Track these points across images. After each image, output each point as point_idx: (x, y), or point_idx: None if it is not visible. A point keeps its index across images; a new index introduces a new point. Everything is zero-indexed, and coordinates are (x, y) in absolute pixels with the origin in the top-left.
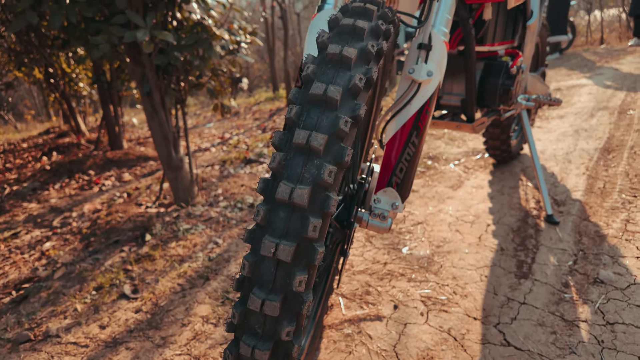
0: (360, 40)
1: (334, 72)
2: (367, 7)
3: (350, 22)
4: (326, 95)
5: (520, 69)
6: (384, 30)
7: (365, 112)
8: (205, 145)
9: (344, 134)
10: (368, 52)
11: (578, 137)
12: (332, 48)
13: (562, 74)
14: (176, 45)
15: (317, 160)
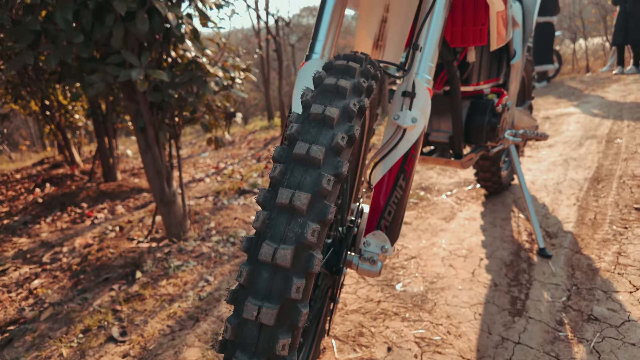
0: (342, 98)
1: (317, 131)
2: (349, 65)
3: (333, 82)
4: (309, 154)
5: (505, 106)
6: (366, 87)
7: (347, 168)
8: (199, 175)
9: (327, 192)
10: (350, 110)
11: (568, 167)
12: (315, 108)
13: (551, 102)
14: (170, 82)
15: (300, 219)
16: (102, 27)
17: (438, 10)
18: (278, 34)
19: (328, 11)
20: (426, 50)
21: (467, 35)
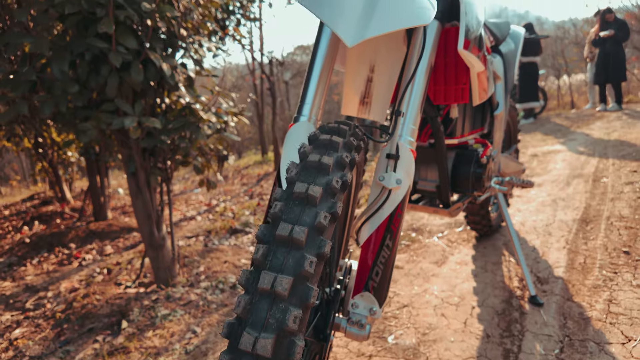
0: (326, 174)
1: (300, 210)
2: (333, 140)
3: (317, 159)
4: (292, 236)
5: (490, 157)
6: (349, 161)
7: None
8: (191, 213)
9: (309, 274)
10: (333, 187)
11: (556, 207)
12: (298, 187)
13: (538, 139)
14: (163, 129)
15: (282, 305)
16: (98, 77)
17: (419, 77)
18: (272, 74)
19: (316, 74)
20: (408, 114)
21: (450, 94)
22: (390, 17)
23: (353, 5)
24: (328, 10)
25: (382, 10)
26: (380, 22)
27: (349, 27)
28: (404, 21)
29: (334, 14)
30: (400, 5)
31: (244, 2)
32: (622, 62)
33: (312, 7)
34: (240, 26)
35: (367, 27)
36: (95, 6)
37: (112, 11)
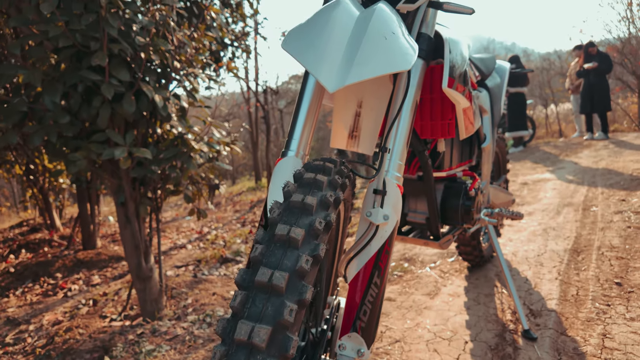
0: (309, 215)
1: (281, 253)
2: (317, 178)
3: (300, 199)
4: (271, 282)
5: (478, 189)
6: (333, 200)
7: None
8: (181, 241)
9: (289, 323)
10: (316, 229)
11: (547, 237)
12: (280, 229)
13: (528, 167)
14: (154, 159)
15: (259, 356)
16: (90, 108)
17: (404, 114)
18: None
19: (304, 110)
20: (395, 151)
21: (436, 129)
22: (371, 63)
23: (335, 51)
24: (310, 56)
25: (363, 57)
26: (361, 68)
27: (330, 74)
28: (384, 67)
29: (316, 60)
30: (381, 51)
31: (238, 36)
32: (606, 93)
33: (295, 52)
34: (234, 59)
35: (348, 73)
36: (89, 40)
37: (106, 45)
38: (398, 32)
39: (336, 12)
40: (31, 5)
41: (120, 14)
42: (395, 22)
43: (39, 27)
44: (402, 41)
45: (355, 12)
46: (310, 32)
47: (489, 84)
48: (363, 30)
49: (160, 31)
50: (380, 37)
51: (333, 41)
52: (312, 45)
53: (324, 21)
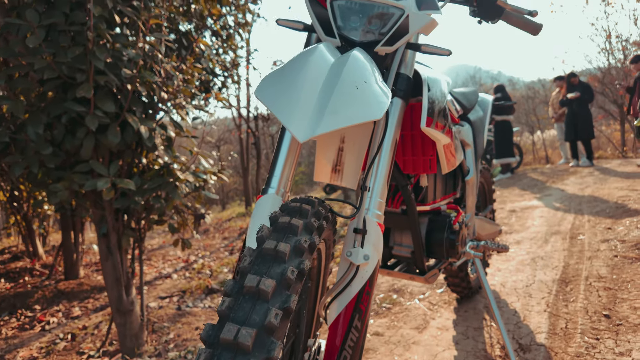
0: (282, 262)
1: (250, 306)
2: (292, 223)
3: (273, 246)
4: (237, 340)
5: (463, 223)
6: (308, 245)
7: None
8: (167, 270)
9: None
10: (288, 279)
11: (535, 267)
12: (249, 280)
13: (516, 194)
14: (138, 189)
15: None
16: (73, 139)
17: (384, 152)
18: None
19: (285, 146)
20: (375, 189)
21: (418, 165)
22: (343, 113)
23: (306, 100)
24: (282, 104)
25: (335, 107)
26: (332, 118)
27: (301, 124)
28: (355, 117)
29: (287, 109)
30: (353, 100)
31: (228, 66)
32: (589, 122)
33: (267, 100)
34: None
35: (318, 123)
36: (75, 72)
37: (92, 77)
38: (371, 80)
39: (311, 59)
40: (18, 37)
41: (107, 47)
42: (369, 69)
43: (25, 59)
44: (375, 89)
45: (330, 59)
46: (283, 80)
47: (472, 118)
48: (336, 79)
49: (148, 63)
50: (352, 86)
51: (305, 90)
52: (284, 93)
53: (298, 68)
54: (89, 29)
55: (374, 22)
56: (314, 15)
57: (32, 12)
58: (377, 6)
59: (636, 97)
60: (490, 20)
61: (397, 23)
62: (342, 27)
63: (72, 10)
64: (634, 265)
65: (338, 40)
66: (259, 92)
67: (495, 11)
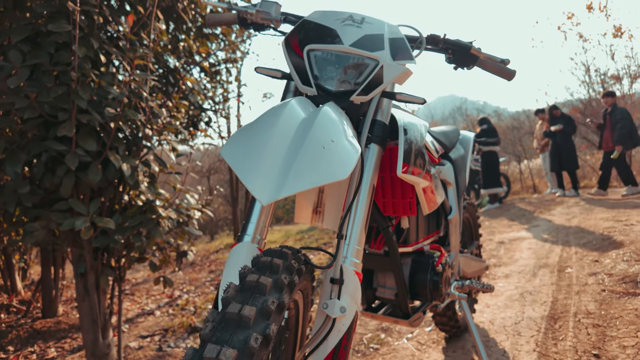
0: (246, 328)
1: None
2: (260, 281)
3: (237, 310)
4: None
5: (446, 264)
6: (275, 308)
7: None
8: (150, 306)
9: None
10: (251, 347)
11: (524, 302)
12: (209, 350)
13: (504, 224)
14: (119, 227)
15: None
16: (53, 177)
17: (361, 198)
18: None
19: None
20: (353, 236)
21: (398, 207)
22: (307, 175)
23: (271, 161)
24: (246, 165)
25: (299, 168)
26: (296, 181)
27: (263, 186)
28: (320, 179)
29: (251, 171)
30: (318, 161)
31: (217, 102)
32: (572, 153)
33: (232, 161)
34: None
35: (282, 186)
36: (57, 110)
37: (74, 115)
38: (339, 138)
39: (281, 115)
40: (1, 76)
41: (92, 85)
42: (338, 125)
43: (7, 99)
44: (342, 148)
45: (301, 115)
46: (250, 139)
47: (453, 156)
48: (303, 138)
49: (132, 101)
50: (319, 146)
51: (270, 150)
52: (249, 154)
53: (266, 126)
54: (73, 69)
55: (349, 72)
56: (292, 65)
57: (15, 53)
58: (353, 57)
59: (607, 131)
60: (465, 67)
61: (372, 73)
62: (318, 77)
63: (58, 50)
64: (621, 301)
65: (315, 89)
66: (225, 152)
67: (470, 59)
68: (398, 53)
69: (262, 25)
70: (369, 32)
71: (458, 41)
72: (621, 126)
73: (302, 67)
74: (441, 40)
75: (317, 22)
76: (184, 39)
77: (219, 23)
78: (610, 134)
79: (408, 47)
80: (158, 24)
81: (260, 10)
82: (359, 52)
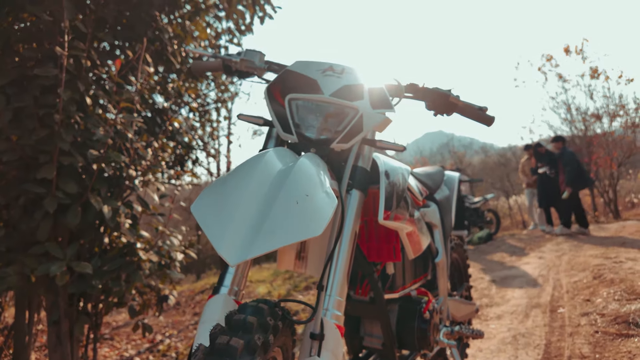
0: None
1: None
2: (230, 344)
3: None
4: None
5: (434, 310)
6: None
7: None
8: (130, 352)
9: None
10: None
11: (517, 346)
12: None
13: (495, 262)
14: (97, 272)
15: None
16: (30, 220)
17: (343, 247)
18: None
19: None
20: (335, 286)
21: (382, 252)
22: (279, 233)
23: (241, 219)
24: (214, 224)
25: (271, 226)
26: (266, 239)
27: (232, 246)
28: (292, 236)
29: (219, 229)
30: (291, 218)
31: (206, 140)
32: (558, 189)
33: (200, 218)
34: (198, 163)
35: (251, 245)
36: (38, 153)
37: (56, 158)
38: (314, 191)
39: (256, 169)
40: None
41: (76, 127)
42: (314, 177)
43: None
44: (317, 202)
45: (276, 168)
46: (221, 194)
47: (438, 197)
48: (276, 194)
49: (117, 143)
50: (292, 202)
51: (242, 206)
52: (219, 210)
53: (239, 179)
54: (58, 111)
55: (330, 121)
56: (273, 113)
57: None
58: (332, 106)
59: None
60: (445, 113)
61: (352, 122)
62: (300, 125)
63: (43, 93)
64: (615, 342)
65: (295, 137)
66: (194, 207)
67: (448, 106)
68: (377, 102)
69: (247, 73)
70: (349, 82)
71: (436, 89)
72: (569, 169)
73: (284, 114)
74: (420, 89)
75: (299, 71)
76: (174, 80)
77: (204, 70)
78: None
79: (387, 96)
80: (146, 67)
81: (244, 59)
82: (339, 101)
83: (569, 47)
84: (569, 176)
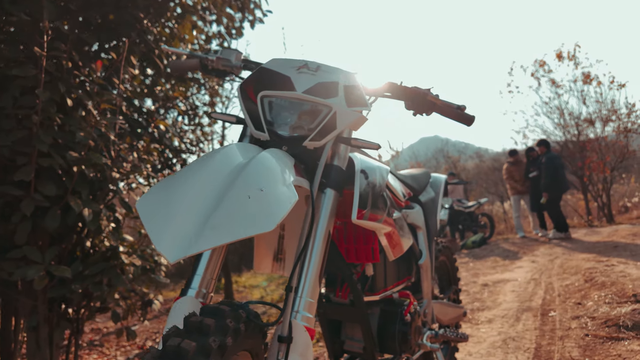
0: None
1: None
2: (182, 346)
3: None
4: None
5: (415, 313)
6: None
7: None
8: (119, 359)
9: None
10: None
11: (507, 350)
12: None
13: (488, 266)
14: (77, 276)
15: None
16: (7, 223)
17: (316, 246)
18: None
19: None
20: (306, 287)
21: (360, 253)
22: (226, 227)
23: (187, 214)
24: (157, 219)
25: (219, 220)
26: (210, 235)
27: (172, 242)
28: (239, 232)
29: (159, 225)
30: (240, 213)
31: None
32: None
33: (143, 213)
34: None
35: (195, 241)
36: (16, 154)
37: (34, 160)
38: (271, 186)
39: (210, 163)
40: None
41: (56, 129)
42: (273, 171)
43: None
44: (272, 196)
45: (234, 163)
46: (169, 190)
47: (422, 199)
48: (228, 188)
49: (99, 145)
50: (244, 196)
51: (188, 201)
52: (164, 206)
53: (189, 176)
54: (36, 112)
55: (303, 119)
56: (246, 111)
57: None
58: (306, 104)
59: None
60: (424, 113)
61: (325, 119)
62: (273, 123)
63: (23, 94)
64: (605, 346)
65: (267, 134)
66: (139, 204)
67: (427, 106)
68: (353, 100)
69: (224, 71)
70: (323, 80)
71: (415, 88)
72: (545, 175)
73: (257, 113)
74: (398, 87)
75: (273, 69)
76: (162, 82)
77: (182, 69)
78: None
79: (363, 94)
80: (131, 69)
81: (220, 58)
82: (311, 98)
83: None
84: (544, 182)
